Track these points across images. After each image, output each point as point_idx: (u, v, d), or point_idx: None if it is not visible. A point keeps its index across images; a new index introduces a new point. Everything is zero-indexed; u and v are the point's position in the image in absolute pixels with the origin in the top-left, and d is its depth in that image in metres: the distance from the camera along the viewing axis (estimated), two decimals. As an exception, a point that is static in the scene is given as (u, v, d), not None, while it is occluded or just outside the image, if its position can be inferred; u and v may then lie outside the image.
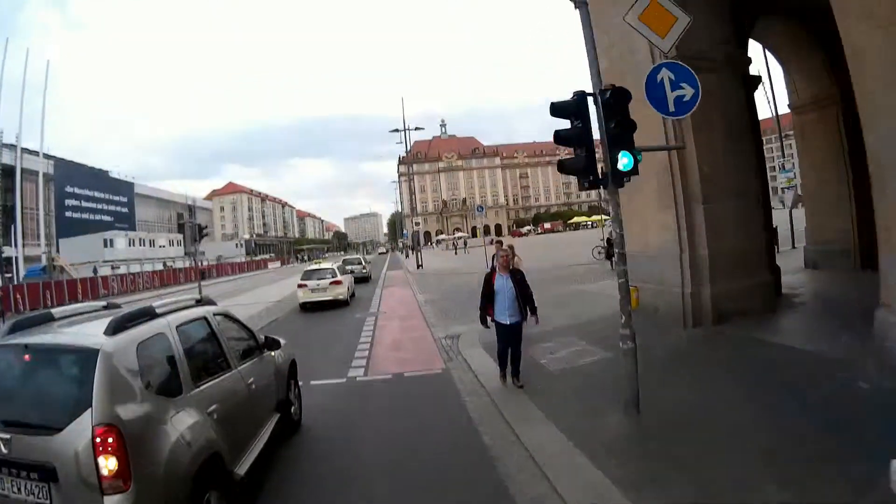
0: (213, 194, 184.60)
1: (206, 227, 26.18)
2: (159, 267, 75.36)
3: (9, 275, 61.52)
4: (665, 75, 7.98)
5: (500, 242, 17.15)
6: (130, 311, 5.39)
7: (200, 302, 6.96)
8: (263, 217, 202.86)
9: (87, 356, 4.45)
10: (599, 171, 7.55)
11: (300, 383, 9.25)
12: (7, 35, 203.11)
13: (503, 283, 9.40)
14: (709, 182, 11.79)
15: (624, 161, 7.36)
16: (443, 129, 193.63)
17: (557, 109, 7.72)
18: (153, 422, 4.58)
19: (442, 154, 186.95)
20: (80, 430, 4.10)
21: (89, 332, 5.07)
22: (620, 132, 7.45)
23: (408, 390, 10.38)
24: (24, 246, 69.20)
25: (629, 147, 7.42)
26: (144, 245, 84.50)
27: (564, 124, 7.66)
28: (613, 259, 26.92)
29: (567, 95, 7.59)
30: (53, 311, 5.74)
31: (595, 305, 15.94)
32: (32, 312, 9.52)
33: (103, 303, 6.58)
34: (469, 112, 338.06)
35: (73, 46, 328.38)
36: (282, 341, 8.64)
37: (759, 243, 12.94)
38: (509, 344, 9.31)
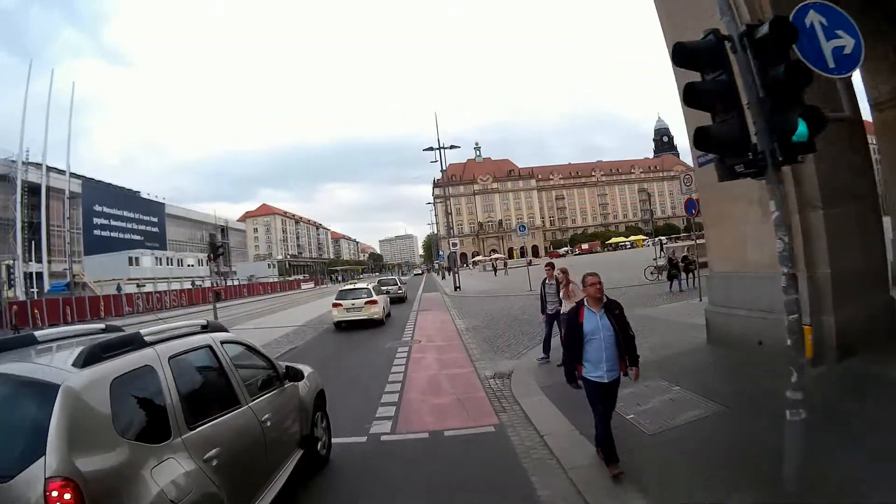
0: (247, 215, 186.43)
1: (222, 245, 23.68)
2: (187, 286, 74.91)
3: (32, 290, 63.05)
4: (815, 19, 5.44)
5: (552, 265, 13.58)
6: (110, 338, 4.56)
7: (207, 328, 5.88)
8: (298, 238, 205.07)
9: (45, 392, 3.66)
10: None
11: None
12: (38, 58, 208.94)
13: (597, 324, 6.16)
14: (827, 181, 9.06)
15: (797, 129, 4.69)
16: (477, 152, 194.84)
17: (686, 54, 5.21)
18: (126, 475, 3.76)
19: (477, 176, 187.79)
20: (31, 483, 3.32)
21: (58, 362, 4.26)
22: (790, 82, 4.80)
23: (449, 458, 7.50)
24: (49, 262, 70.38)
25: (802, 107, 4.76)
26: (172, 264, 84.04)
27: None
28: (678, 280, 24.40)
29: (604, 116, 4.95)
30: (38, 333, 5.08)
31: (671, 334, 13.31)
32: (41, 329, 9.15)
33: (101, 325, 5.81)
34: (502, 137, 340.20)
35: (111, 72, 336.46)
36: (307, 370, 7.72)
37: (881, 257, 10.27)
38: (609, 411, 6.33)
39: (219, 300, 61.06)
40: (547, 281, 12.61)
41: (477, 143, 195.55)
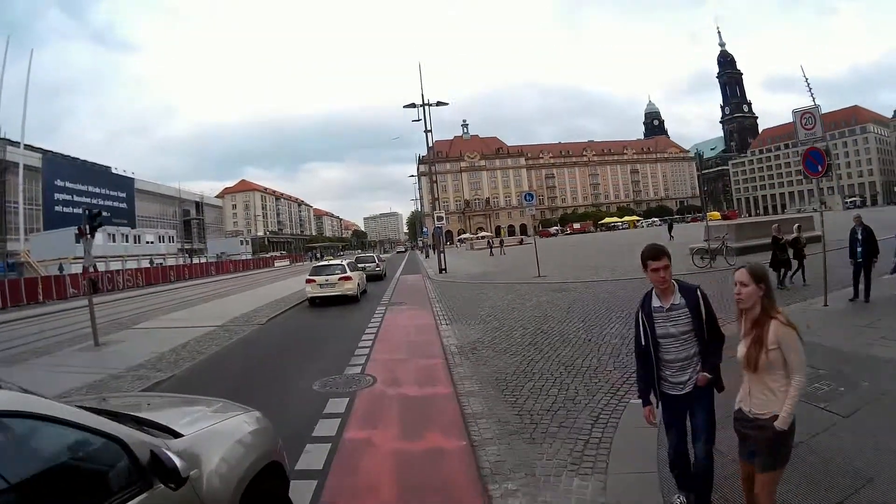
0: (226, 192, 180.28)
1: (100, 212, 16.02)
2: (145, 264, 67.67)
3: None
4: None
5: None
6: None
7: None
8: (278, 215, 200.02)
9: None
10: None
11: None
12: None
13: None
14: None
15: None
16: (464, 129, 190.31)
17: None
18: None
19: (464, 153, 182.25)
20: None
21: None
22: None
23: None
24: (4, 241, 66.99)
25: None
26: (128, 241, 75.56)
27: None
28: (787, 271, 17.06)
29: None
30: None
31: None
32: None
33: None
34: (487, 116, 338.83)
35: (94, 52, 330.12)
36: (246, 420, 4.26)
37: None
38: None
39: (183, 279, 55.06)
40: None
41: (464, 121, 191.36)
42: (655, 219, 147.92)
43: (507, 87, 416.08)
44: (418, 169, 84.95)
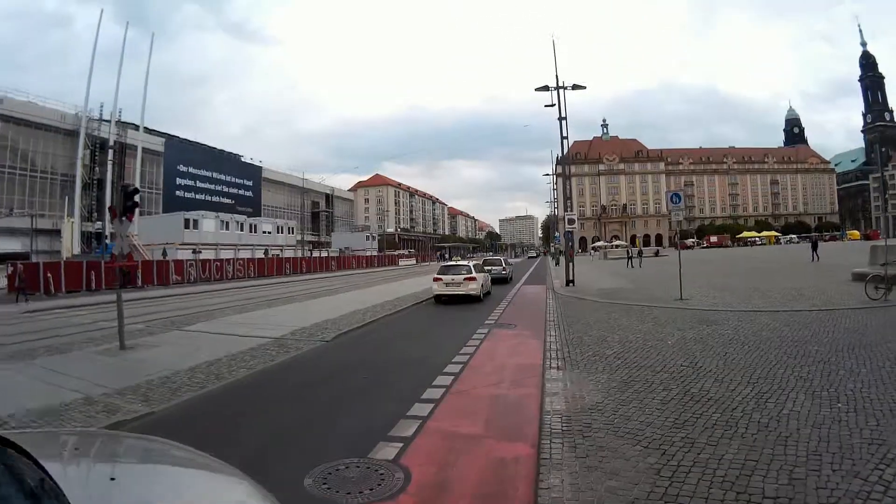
0: (359, 185, 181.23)
1: (136, 190, 12.62)
2: (259, 255, 67.51)
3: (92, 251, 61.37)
4: None
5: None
6: None
7: None
8: (412, 212, 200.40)
9: None
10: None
11: None
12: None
13: None
14: None
15: None
16: (604, 129, 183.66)
17: None
18: None
19: (602, 156, 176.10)
20: None
21: None
22: None
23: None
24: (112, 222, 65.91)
25: None
26: (243, 230, 75.01)
27: None
28: None
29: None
30: None
31: None
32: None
33: None
34: (628, 121, 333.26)
35: (235, 46, 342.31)
36: None
37: None
38: None
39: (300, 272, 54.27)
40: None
41: (604, 120, 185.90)
42: (793, 236, 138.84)
43: (645, 90, 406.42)
44: (553, 168, 79.32)
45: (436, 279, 25.53)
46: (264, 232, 79.39)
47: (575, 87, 31.87)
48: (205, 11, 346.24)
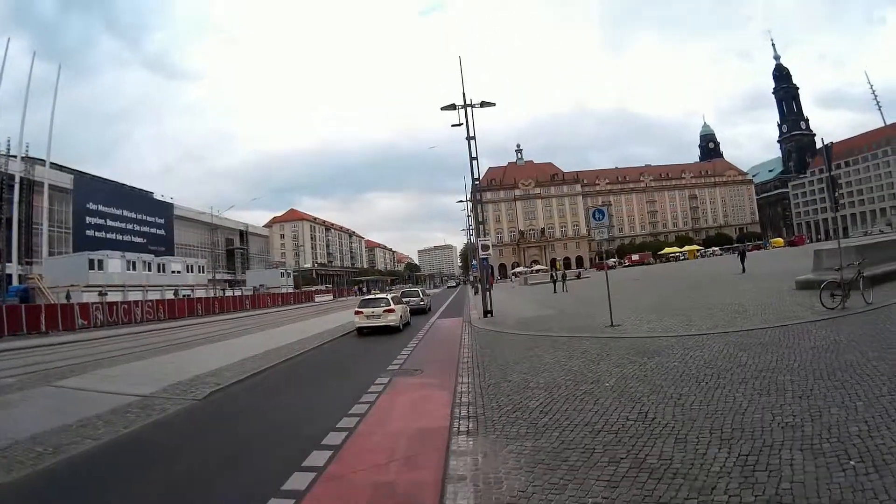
0: (274, 221, 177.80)
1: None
2: (169, 296, 63.21)
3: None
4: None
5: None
6: None
7: None
8: (328, 247, 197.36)
9: None
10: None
11: None
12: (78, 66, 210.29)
13: None
14: None
15: None
16: (518, 154, 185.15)
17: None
18: None
19: (518, 181, 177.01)
20: None
21: None
22: None
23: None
24: (26, 264, 64.58)
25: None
26: (151, 269, 70.55)
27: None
28: None
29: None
30: None
31: None
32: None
33: None
34: (542, 143, 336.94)
35: (152, 82, 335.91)
36: None
37: None
38: None
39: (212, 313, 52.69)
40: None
41: (518, 145, 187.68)
42: (716, 248, 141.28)
43: (559, 113, 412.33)
44: (467, 194, 76.61)
45: (357, 312, 26.29)
46: (173, 272, 74.79)
47: (483, 104, 29.87)
48: (121, 47, 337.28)
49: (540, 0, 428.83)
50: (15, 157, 64.61)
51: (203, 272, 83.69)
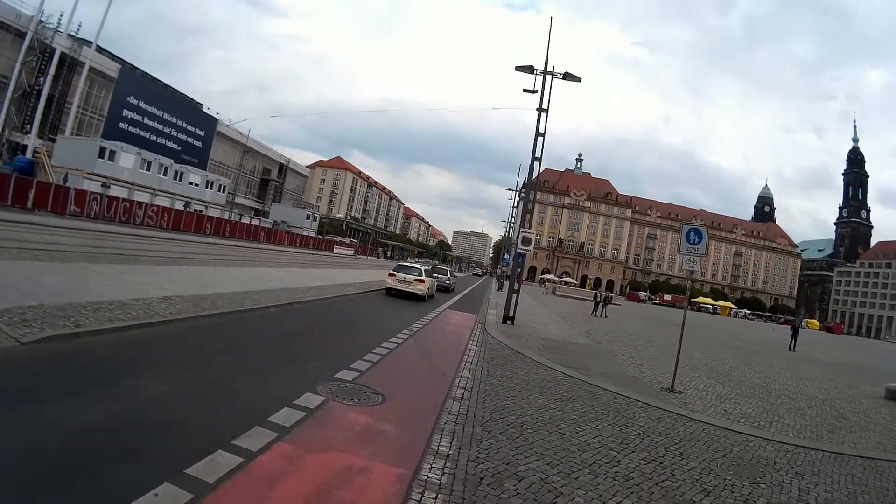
0: (318, 164, 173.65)
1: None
2: (179, 205, 60.27)
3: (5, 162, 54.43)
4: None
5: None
6: None
7: None
8: (366, 202, 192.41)
9: None
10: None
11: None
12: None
13: None
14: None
15: None
16: (578, 163, 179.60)
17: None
18: None
19: (571, 189, 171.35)
20: None
21: None
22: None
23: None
24: (48, 140, 60.57)
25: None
26: (167, 175, 65.86)
27: None
28: None
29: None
30: None
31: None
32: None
33: None
34: (603, 163, 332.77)
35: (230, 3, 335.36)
36: None
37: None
38: None
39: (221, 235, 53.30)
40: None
41: (580, 154, 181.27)
42: (747, 311, 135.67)
43: (626, 139, 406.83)
44: (517, 186, 69.32)
45: (390, 275, 28.70)
46: (191, 183, 70.65)
47: (567, 76, 24.77)
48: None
49: (631, 23, 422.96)
50: (62, 32, 61.80)
51: (223, 191, 79.04)
